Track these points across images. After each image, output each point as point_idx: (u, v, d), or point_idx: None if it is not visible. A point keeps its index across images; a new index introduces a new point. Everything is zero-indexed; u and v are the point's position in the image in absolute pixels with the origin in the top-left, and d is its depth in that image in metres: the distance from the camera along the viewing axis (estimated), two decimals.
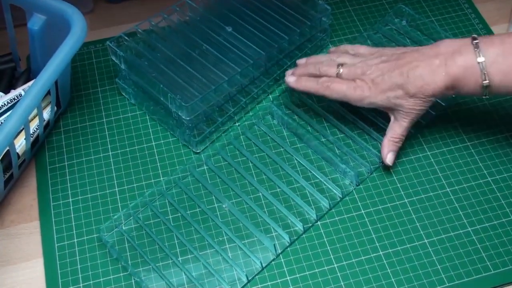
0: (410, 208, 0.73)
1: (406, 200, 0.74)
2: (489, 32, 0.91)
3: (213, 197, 0.74)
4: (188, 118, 0.74)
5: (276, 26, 0.83)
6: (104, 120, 0.82)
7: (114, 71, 0.86)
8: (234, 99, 0.81)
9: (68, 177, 0.76)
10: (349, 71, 0.75)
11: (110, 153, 0.78)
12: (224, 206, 0.73)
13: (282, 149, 0.79)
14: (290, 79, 0.78)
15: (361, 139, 0.79)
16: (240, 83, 0.79)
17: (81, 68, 0.87)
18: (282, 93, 0.83)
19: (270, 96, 0.84)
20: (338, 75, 0.75)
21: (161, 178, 0.76)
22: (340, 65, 0.75)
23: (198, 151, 0.78)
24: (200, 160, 0.77)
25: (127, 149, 0.79)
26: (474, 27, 0.91)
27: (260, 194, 0.75)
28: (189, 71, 0.78)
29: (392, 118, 0.74)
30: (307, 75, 0.78)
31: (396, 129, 0.74)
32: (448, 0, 0.95)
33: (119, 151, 0.79)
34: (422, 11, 0.93)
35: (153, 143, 0.79)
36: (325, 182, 0.75)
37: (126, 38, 0.80)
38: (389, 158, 0.74)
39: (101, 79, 0.86)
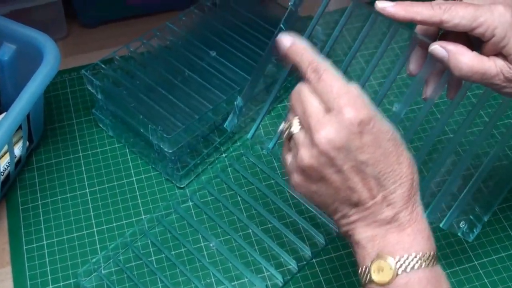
0: None
1: None
2: None
3: (200, 236, 0.75)
4: (170, 151, 0.76)
5: (263, 49, 0.84)
6: (81, 154, 0.83)
7: (91, 101, 0.88)
8: (220, 129, 0.83)
9: (42, 218, 0.77)
10: None
11: (87, 190, 0.80)
12: (211, 245, 0.75)
13: (273, 181, 0.80)
14: (385, 4, 0.59)
15: None
16: (226, 111, 0.81)
17: (55, 99, 0.89)
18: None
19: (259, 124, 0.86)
20: None
21: (143, 216, 0.77)
22: None
23: (182, 185, 0.80)
24: (185, 196, 0.79)
25: (106, 186, 0.80)
26: None
27: (250, 230, 0.76)
28: (170, 100, 0.80)
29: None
30: None
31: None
32: None
33: (97, 187, 0.80)
34: None
35: (134, 178, 0.81)
36: (319, 216, 0.77)
37: (103, 66, 0.82)
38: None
39: (77, 110, 0.88)
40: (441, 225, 0.67)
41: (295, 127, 0.53)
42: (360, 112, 0.50)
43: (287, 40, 0.56)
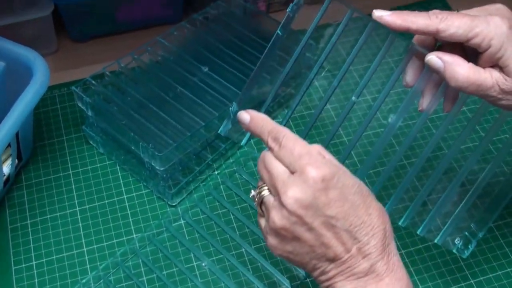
0: (407, 260, 0.75)
1: (403, 251, 0.76)
2: None
3: (192, 255, 0.75)
4: (162, 169, 0.76)
5: (256, 65, 0.85)
6: (70, 172, 0.83)
7: (81, 118, 0.88)
8: (212, 145, 0.83)
9: (31, 237, 0.77)
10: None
11: (77, 208, 0.80)
12: (203, 264, 0.75)
13: None
14: (382, 13, 0.60)
15: None
16: (219, 128, 0.81)
17: (44, 115, 0.89)
18: None
19: (252, 140, 0.86)
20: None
21: (134, 235, 0.77)
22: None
23: (174, 204, 0.80)
24: (177, 214, 0.79)
25: (96, 204, 0.80)
26: None
27: (243, 249, 0.76)
28: (162, 117, 0.80)
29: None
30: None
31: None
32: None
33: (87, 206, 0.80)
34: None
35: (125, 196, 0.81)
36: None
37: (93, 82, 0.82)
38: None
39: (67, 127, 0.88)
40: (435, 240, 0.68)
41: (265, 192, 0.55)
42: (322, 169, 0.52)
43: (246, 116, 0.60)
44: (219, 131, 0.69)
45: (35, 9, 0.90)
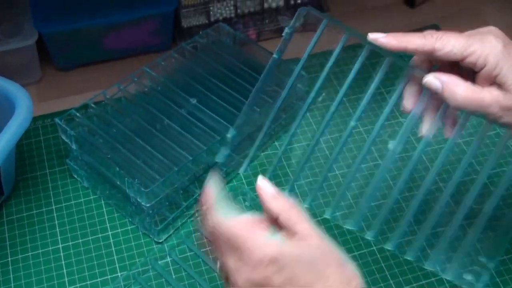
0: None
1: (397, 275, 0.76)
2: None
3: None
4: (148, 204, 0.75)
5: (246, 97, 0.84)
6: (54, 207, 0.82)
7: (65, 151, 0.87)
8: (200, 180, 0.82)
9: (12, 276, 0.76)
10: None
11: (60, 245, 0.79)
12: None
13: None
14: (377, 35, 0.61)
15: None
16: (207, 162, 0.81)
17: (27, 147, 0.88)
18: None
19: (241, 174, 0.86)
20: None
21: (119, 274, 0.76)
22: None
23: (160, 240, 0.79)
24: (163, 251, 0.78)
25: (80, 240, 0.79)
26: None
27: None
28: (148, 150, 0.80)
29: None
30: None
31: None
32: None
33: (70, 242, 0.79)
34: None
35: (109, 233, 0.80)
36: None
37: (77, 114, 0.82)
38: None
39: (50, 159, 0.87)
40: (442, 274, 0.67)
41: None
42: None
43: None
44: (216, 159, 0.68)
45: (19, 38, 0.90)
